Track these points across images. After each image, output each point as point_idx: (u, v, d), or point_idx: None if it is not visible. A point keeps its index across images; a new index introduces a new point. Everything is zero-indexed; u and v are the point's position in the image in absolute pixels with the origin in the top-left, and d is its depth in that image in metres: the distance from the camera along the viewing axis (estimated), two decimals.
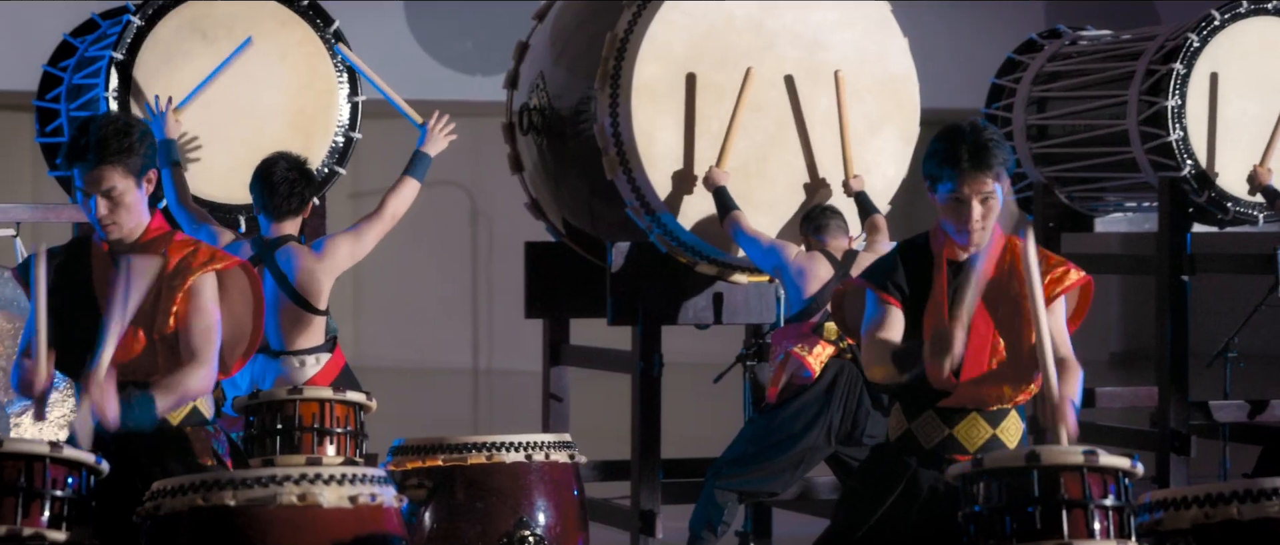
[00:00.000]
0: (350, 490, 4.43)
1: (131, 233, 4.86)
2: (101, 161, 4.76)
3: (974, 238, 4.65)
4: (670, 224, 7.52)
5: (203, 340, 4.83)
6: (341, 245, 6.41)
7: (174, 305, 4.82)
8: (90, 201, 4.81)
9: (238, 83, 7.02)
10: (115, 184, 4.79)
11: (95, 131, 4.78)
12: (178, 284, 4.83)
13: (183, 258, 4.86)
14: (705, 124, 7.54)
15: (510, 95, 8.22)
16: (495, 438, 5.61)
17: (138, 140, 4.80)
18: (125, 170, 4.79)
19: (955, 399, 4.64)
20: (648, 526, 7.58)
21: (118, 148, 4.77)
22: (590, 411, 11.21)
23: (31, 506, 4.49)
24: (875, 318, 4.69)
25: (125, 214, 4.83)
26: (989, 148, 4.63)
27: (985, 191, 4.64)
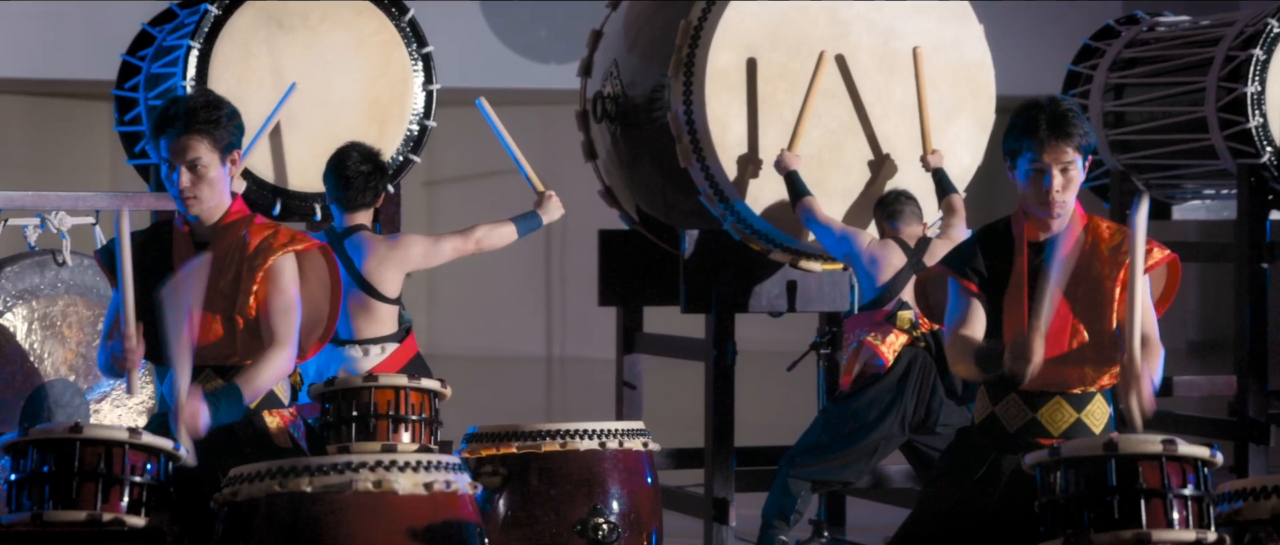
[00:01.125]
0: (425, 477, 4.45)
1: (211, 212, 4.89)
2: (189, 130, 4.80)
3: (1054, 210, 4.63)
4: (744, 211, 7.51)
5: (283, 321, 4.86)
6: (417, 244, 6.43)
7: (253, 286, 4.85)
8: (174, 174, 4.84)
9: (313, 72, 7.05)
10: (200, 156, 4.82)
11: (185, 101, 4.83)
12: (258, 265, 4.86)
13: (263, 240, 4.89)
14: (778, 111, 7.52)
15: (584, 83, 8.23)
16: (569, 425, 5.62)
17: (226, 116, 4.85)
18: (211, 143, 4.82)
19: (1038, 382, 4.62)
20: (721, 514, 7.58)
21: (206, 119, 4.81)
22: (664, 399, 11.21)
23: (111, 492, 4.53)
24: (957, 312, 4.67)
25: (207, 189, 4.86)
26: (1068, 117, 4.62)
27: (1065, 161, 4.63)
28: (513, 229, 6.67)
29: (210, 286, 4.85)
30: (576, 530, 5.56)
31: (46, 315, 5.95)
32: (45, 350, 5.92)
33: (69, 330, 5.97)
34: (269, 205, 6.95)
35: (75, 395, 5.96)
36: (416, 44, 7.24)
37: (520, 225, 6.69)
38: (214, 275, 4.87)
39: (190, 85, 6.84)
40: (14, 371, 5.87)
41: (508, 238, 6.65)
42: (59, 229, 6.01)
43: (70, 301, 5.98)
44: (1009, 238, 4.73)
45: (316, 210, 7.06)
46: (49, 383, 5.92)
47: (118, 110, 7.23)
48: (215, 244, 4.87)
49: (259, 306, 4.87)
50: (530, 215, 6.75)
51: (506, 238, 6.65)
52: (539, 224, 6.76)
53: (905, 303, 7.13)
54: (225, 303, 4.83)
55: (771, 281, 7.72)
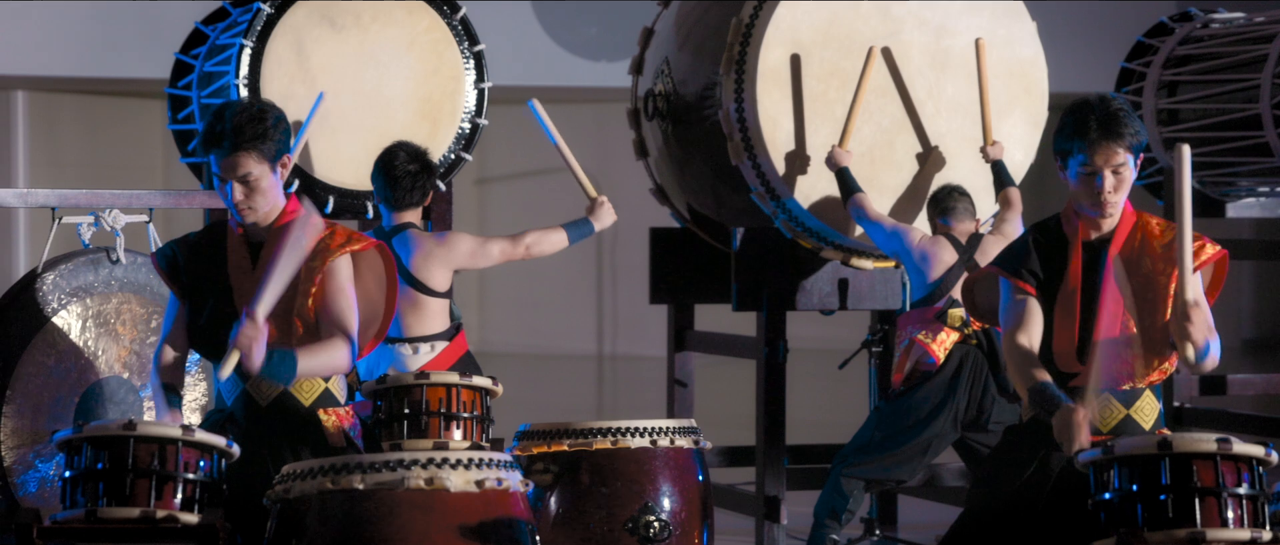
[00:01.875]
0: (477, 475, 4.46)
1: (267, 217, 4.92)
2: (237, 148, 4.82)
3: (1106, 210, 4.61)
4: (795, 209, 7.51)
5: (344, 318, 4.88)
6: (464, 242, 6.43)
7: (312, 287, 4.87)
8: (226, 187, 4.87)
9: (366, 70, 7.07)
10: (251, 170, 4.84)
11: (230, 119, 4.83)
12: (316, 266, 4.88)
13: (320, 241, 4.90)
14: (830, 109, 7.51)
15: (635, 81, 8.23)
16: (620, 423, 5.63)
17: (272, 126, 4.86)
18: (260, 156, 4.84)
19: (1085, 379, 4.61)
20: (772, 513, 7.57)
21: (253, 134, 4.82)
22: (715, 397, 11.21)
23: (164, 489, 4.56)
24: (1012, 316, 4.66)
25: (261, 198, 4.88)
26: (1119, 117, 4.60)
27: (1116, 162, 4.61)
28: (563, 236, 6.64)
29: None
30: (627, 528, 5.56)
31: (100, 313, 5.98)
32: (99, 348, 5.95)
33: (123, 328, 6.00)
34: (321, 203, 6.97)
35: (129, 393, 5.99)
36: (468, 42, 7.25)
37: (571, 232, 6.66)
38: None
39: (243, 84, 6.87)
40: (68, 369, 5.90)
41: (558, 245, 6.62)
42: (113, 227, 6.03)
43: (124, 299, 6.01)
44: (1061, 237, 4.71)
45: (368, 208, 7.08)
46: (103, 380, 5.95)
47: (171, 109, 7.27)
48: (269, 244, 4.89)
49: (317, 307, 4.89)
50: (582, 222, 6.73)
51: (556, 245, 6.62)
52: (590, 231, 6.73)
53: (956, 300, 7.11)
54: (282, 303, 4.85)
55: (823, 279, 7.70)
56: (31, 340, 5.83)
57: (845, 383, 8.31)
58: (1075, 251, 4.67)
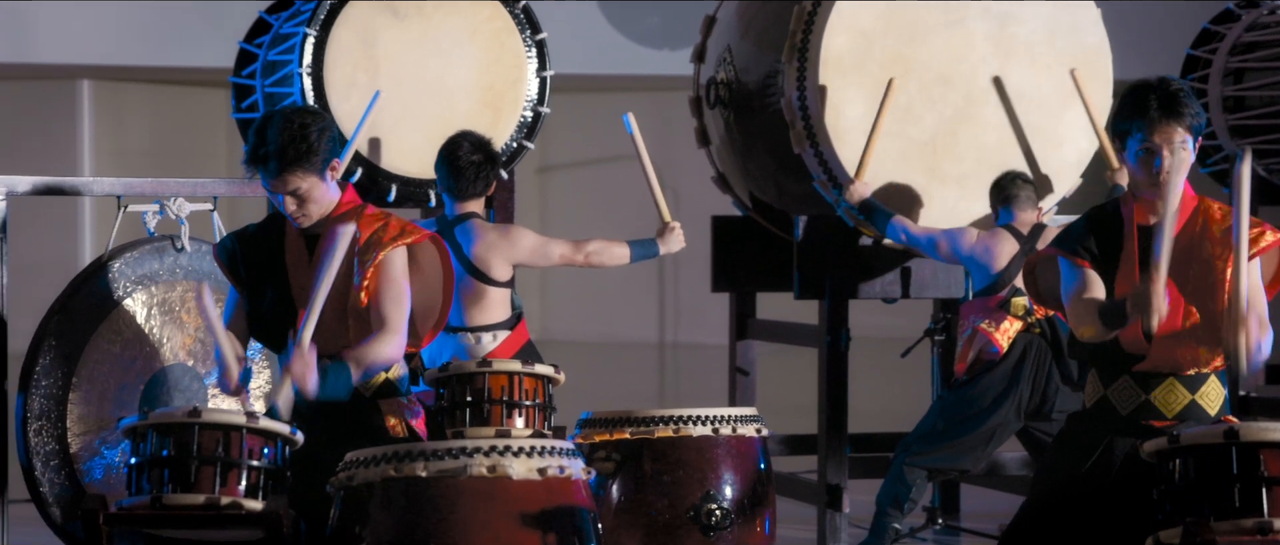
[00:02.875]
0: (539, 462, 4.47)
1: (322, 214, 4.93)
2: (282, 170, 4.83)
3: (1164, 191, 4.59)
4: None
5: (393, 309, 4.89)
6: (527, 240, 6.40)
7: (365, 280, 4.89)
8: (278, 197, 4.89)
9: (428, 59, 7.08)
10: (299, 185, 4.86)
11: (273, 140, 4.82)
12: (370, 258, 4.89)
13: (373, 232, 4.91)
14: (892, 97, 7.48)
15: (697, 69, 8.22)
16: (682, 411, 5.63)
17: (316, 139, 4.85)
18: (307, 170, 4.85)
19: (1150, 363, 4.58)
20: (835, 501, 7.56)
21: (296, 154, 4.82)
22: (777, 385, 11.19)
23: (229, 476, 4.58)
24: (1073, 282, 4.64)
25: (313, 206, 4.90)
26: (1178, 97, 4.58)
27: (1176, 141, 4.58)
28: (627, 252, 6.58)
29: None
30: (689, 516, 5.56)
31: (165, 300, 6.01)
32: (164, 335, 5.98)
33: (187, 315, 6.03)
34: (384, 192, 6.99)
35: (193, 380, 6.02)
36: (530, 31, 7.25)
37: (635, 249, 6.59)
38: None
39: (306, 73, 6.89)
40: (133, 356, 5.94)
41: (619, 259, 6.56)
42: (178, 215, 6.07)
43: (188, 287, 6.04)
44: (1119, 219, 4.69)
45: (431, 197, 7.10)
46: (167, 367, 5.99)
47: (235, 97, 7.30)
48: (325, 237, 4.91)
49: (369, 298, 4.90)
50: (648, 242, 6.65)
51: (618, 259, 6.56)
52: (655, 253, 6.65)
53: (1019, 289, 7.08)
54: (337, 294, 4.86)
55: (885, 267, 7.68)
56: (97, 328, 5.87)
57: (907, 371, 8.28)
58: (1132, 234, 4.64)
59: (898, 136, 7.48)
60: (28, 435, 5.75)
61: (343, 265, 4.88)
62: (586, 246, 6.48)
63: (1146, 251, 4.56)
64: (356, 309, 4.88)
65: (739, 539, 5.59)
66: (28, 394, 5.75)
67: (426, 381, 5.77)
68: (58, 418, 5.81)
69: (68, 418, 5.82)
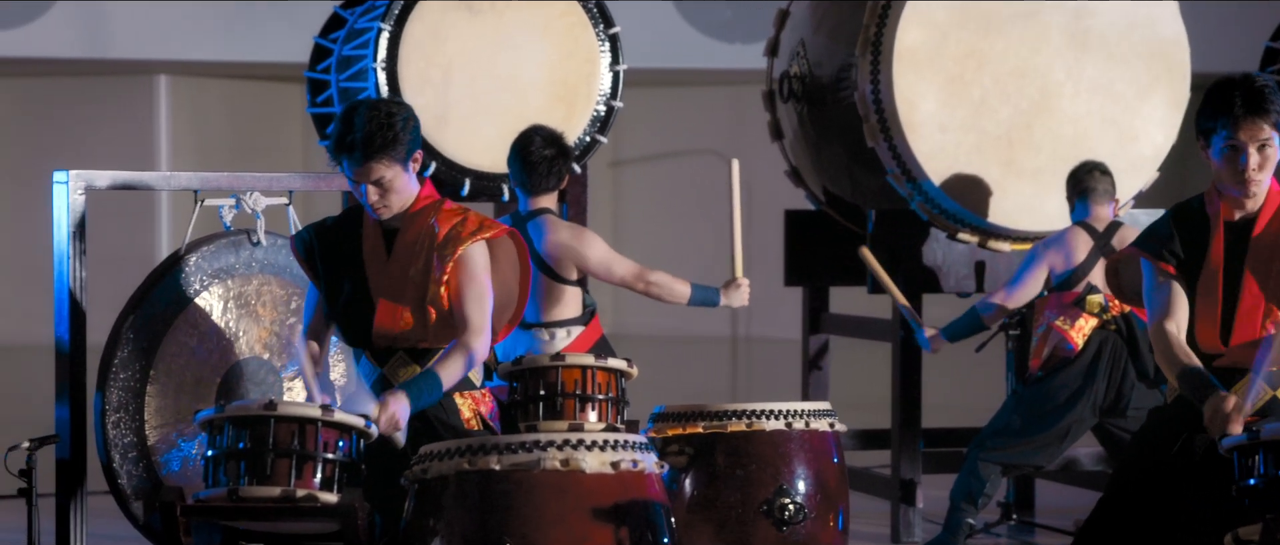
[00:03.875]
0: (612, 456, 4.47)
1: (402, 207, 4.96)
2: (367, 158, 4.85)
3: (1250, 189, 4.55)
4: (931, 191, 7.46)
5: (476, 308, 4.90)
6: (597, 249, 6.34)
7: (444, 276, 4.90)
8: (360, 187, 4.91)
9: (501, 54, 7.10)
10: (383, 175, 4.88)
11: (360, 128, 4.85)
12: (448, 254, 4.91)
13: (452, 227, 4.93)
14: (967, 90, 7.45)
15: (770, 63, 8.21)
16: (755, 405, 5.62)
17: (401, 129, 4.88)
18: (391, 160, 4.87)
19: (1230, 359, 4.55)
20: (908, 496, 7.54)
21: (382, 142, 4.85)
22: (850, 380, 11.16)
23: (304, 468, 4.60)
24: (1157, 300, 4.61)
25: (395, 197, 4.92)
26: (1264, 94, 4.54)
27: (1261, 138, 4.55)
28: (687, 293, 6.42)
29: (400, 273, 4.90)
30: (762, 510, 5.56)
31: (241, 294, 6.04)
32: (240, 328, 6.02)
33: (263, 309, 6.07)
34: (458, 186, 7.01)
35: (269, 373, 6.05)
36: (603, 25, 7.26)
37: (696, 293, 6.43)
38: (404, 262, 4.92)
39: (380, 68, 6.92)
40: (210, 349, 5.98)
41: (678, 298, 6.40)
42: (254, 209, 6.10)
43: (264, 281, 6.07)
44: (1203, 217, 4.65)
45: (504, 191, 7.11)
46: (243, 360, 6.02)
47: (310, 92, 7.33)
48: (404, 231, 4.93)
49: (450, 295, 4.91)
50: (712, 291, 6.45)
51: (677, 297, 6.41)
52: (715, 303, 6.46)
53: (1094, 286, 7.04)
54: (416, 290, 4.88)
55: (959, 262, 7.65)
56: (174, 321, 5.91)
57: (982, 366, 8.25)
58: (1217, 232, 4.61)
59: (972, 130, 7.45)
60: (106, 428, 5.80)
61: (422, 258, 4.90)
62: (650, 275, 6.37)
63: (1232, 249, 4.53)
64: (435, 301, 4.90)
65: (812, 534, 5.58)
66: (106, 387, 5.80)
67: (500, 376, 5.78)
68: (136, 410, 5.85)
69: (145, 410, 5.87)
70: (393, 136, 4.84)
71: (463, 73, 7.04)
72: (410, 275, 4.91)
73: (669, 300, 6.34)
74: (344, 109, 4.94)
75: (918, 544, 7.47)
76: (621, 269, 6.29)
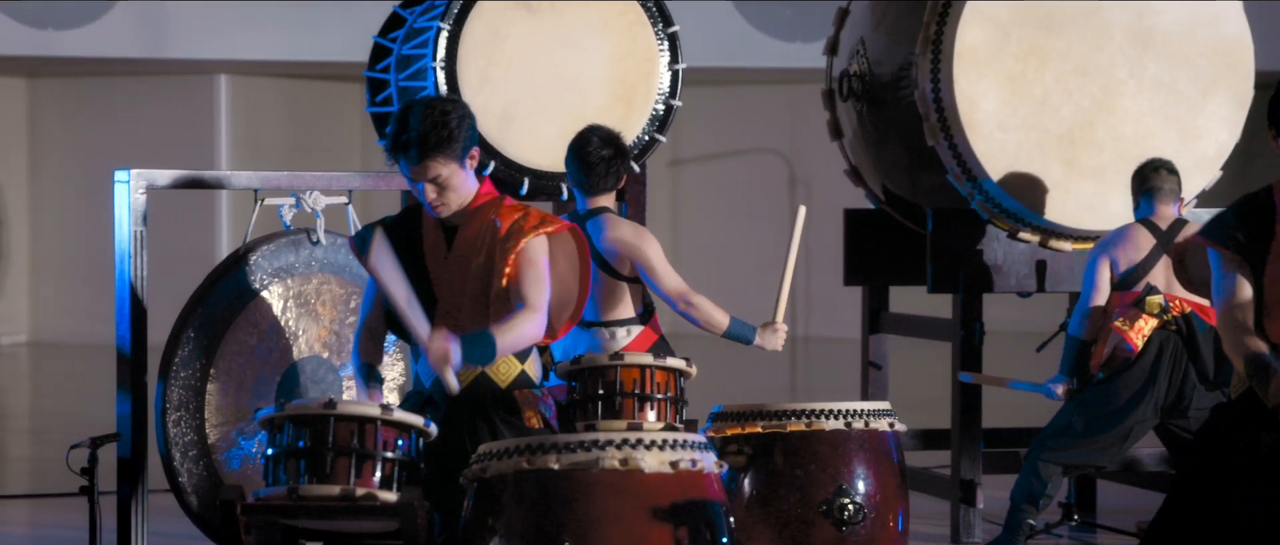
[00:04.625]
0: (671, 456, 4.46)
1: (460, 205, 4.96)
2: (424, 157, 4.86)
3: None
4: (992, 190, 7.42)
5: (534, 290, 4.90)
6: (654, 253, 6.30)
7: (506, 268, 4.90)
8: (418, 186, 4.91)
9: (560, 53, 7.10)
10: (440, 172, 4.89)
11: (415, 126, 4.85)
12: (510, 247, 4.91)
13: (514, 222, 4.93)
14: (1028, 89, 7.41)
15: (830, 61, 8.19)
16: (815, 405, 5.61)
17: (456, 126, 4.88)
18: (448, 157, 4.88)
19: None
20: (968, 496, 7.51)
21: (438, 140, 4.85)
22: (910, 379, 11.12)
23: (364, 467, 4.61)
24: (1224, 289, 4.59)
25: (453, 195, 4.93)
26: None
27: None
28: (725, 324, 6.31)
29: (461, 269, 4.91)
30: (821, 510, 5.54)
31: (301, 293, 6.07)
32: (299, 327, 6.03)
33: (322, 308, 6.08)
34: (516, 185, 7.01)
35: (328, 372, 6.07)
36: (662, 23, 7.25)
37: (733, 326, 6.30)
38: (464, 258, 4.93)
39: (439, 67, 6.93)
40: (270, 348, 6.00)
41: (715, 327, 6.28)
42: (313, 208, 6.12)
43: (324, 280, 6.09)
44: (1270, 207, 4.63)
45: (562, 190, 7.11)
46: (303, 359, 6.04)
47: (369, 92, 7.35)
48: (464, 227, 4.93)
49: (510, 284, 4.92)
50: (748, 329, 6.34)
51: (714, 326, 6.29)
52: (749, 340, 6.32)
53: (1155, 287, 6.99)
54: (476, 285, 4.89)
55: (1020, 261, 7.61)
56: (235, 320, 5.94)
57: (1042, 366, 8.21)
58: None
59: (1033, 128, 7.41)
60: (167, 426, 5.83)
61: (483, 253, 4.90)
62: (693, 297, 6.29)
63: None
64: (498, 295, 4.90)
65: (871, 534, 5.56)
66: (167, 385, 5.83)
67: (558, 375, 5.78)
68: (196, 408, 5.88)
69: (206, 408, 5.89)
70: (449, 134, 4.85)
71: (522, 72, 7.04)
72: (471, 270, 4.91)
73: (705, 326, 6.26)
74: (400, 108, 4.95)
75: (978, 544, 7.43)
76: (670, 281, 6.25)
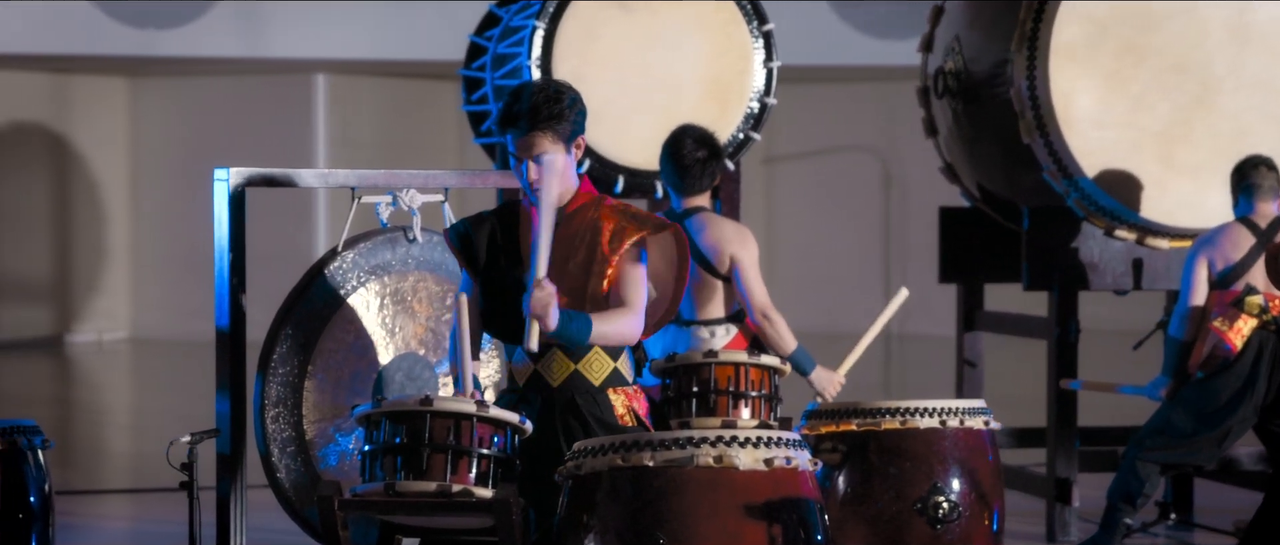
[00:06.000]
0: (765, 453, 4.47)
1: (561, 198, 4.97)
2: (532, 128, 4.88)
3: None
4: (1088, 188, 7.38)
5: (634, 292, 4.90)
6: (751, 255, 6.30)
7: (608, 269, 4.91)
8: (521, 167, 4.93)
9: (655, 52, 7.12)
10: (546, 150, 4.90)
11: (527, 99, 4.88)
12: (614, 250, 4.92)
13: (616, 225, 4.94)
14: (1125, 86, 7.37)
15: (924, 59, 8.16)
16: (909, 403, 5.60)
17: (567, 107, 4.90)
18: (556, 136, 4.89)
19: None
20: (1063, 495, 7.47)
21: (548, 115, 4.87)
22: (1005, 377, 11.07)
23: (459, 463, 4.64)
24: None
25: (555, 179, 4.94)
26: None
27: None
28: (792, 347, 6.22)
29: (560, 266, 4.93)
30: (916, 508, 5.53)
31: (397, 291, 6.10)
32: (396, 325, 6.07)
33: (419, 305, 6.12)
34: (611, 183, 7.04)
35: (424, 369, 6.10)
36: (757, 21, 7.26)
37: (797, 353, 6.23)
38: (563, 255, 4.94)
39: (535, 66, 6.96)
40: (366, 345, 6.04)
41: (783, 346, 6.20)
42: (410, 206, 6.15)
43: (420, 277, 6.13)
44: None
45: (657, 188, 7.13)
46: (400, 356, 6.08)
47: (465, 90, 7.40)
48: (565, 225, 4.95)
49: (610, 286, 4.93)
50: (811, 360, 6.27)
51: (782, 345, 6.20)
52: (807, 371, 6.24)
53: (1254, 287, 6.93)
54: (575, 283, 4.90)
55: (1116, 258, 7.57)
56: (332, 317, 5.98)
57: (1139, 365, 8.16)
58: None
59: (1130, 126, 7.37)
60: (265, 422, 5.88)
61: (582, 251, 4.92)
62: (774, 313, 6.27)
63: None
64: (595, 298, 4.92)
65: (966, 532, 5.55)
66: (266, 381, 5.88)
67: (652, 372, 5.79)
68: (294, 405, 5.92)
69: (304, 405, 5.94)
70: (559, 111, 4.87)
71: (616, 70, 7.06)
72: (569, 268, 4.93)
73: (772, 343, 6.25)
74: (513, 88, 4.98)
75: (1074, 543, 7.39)
76: (759, 290, 6.25)
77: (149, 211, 16.84)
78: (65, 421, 11.47)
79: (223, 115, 16.35)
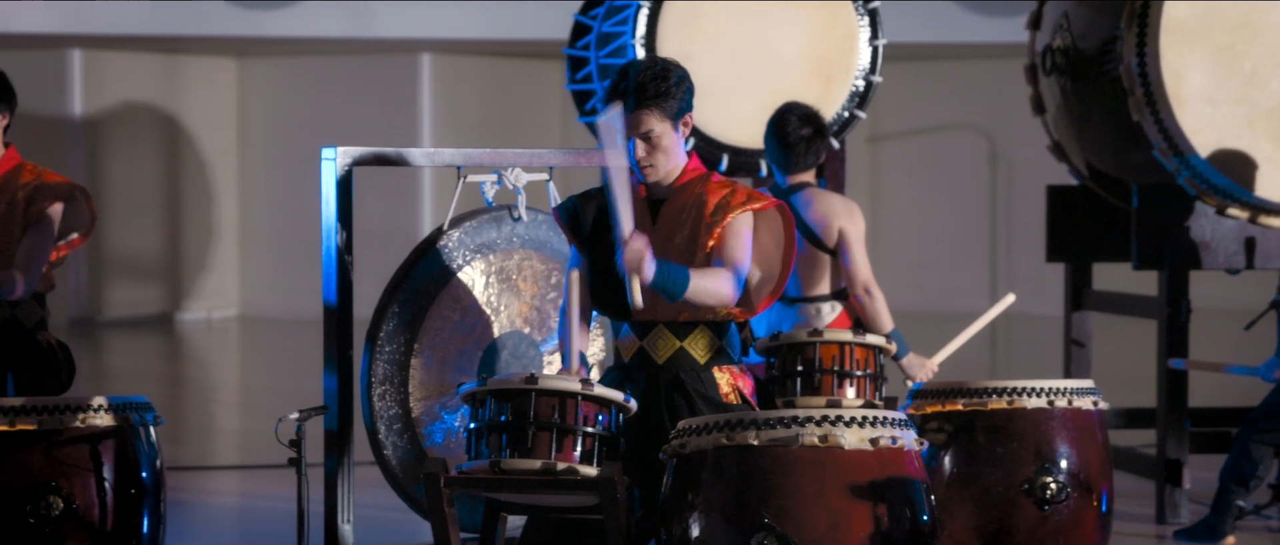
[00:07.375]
0: (871, 433, 4.45)
1: (668, 175, 4.96)
2: (639, 106, 4.87)
3: None
4: (1199, 165, 7.30)
5: (734, 252, 4.89)
6: (862, 228, 6.29)
7: (711, 242, 4.91)
8: (629, 144, 4.93)
9: (760, 30, 7.10)
10: (653, 127, 4.90)
11: (634, 76, 4.88)
12: (717, 220, 4.91)
13: (721, 199, 4.93)
14: (1238, 63, 7.27)
15: (1032, 36, 8.10)
16: (1017, 383, 5.56)
17: (675, 84, 4.90)
18: (662, 114, 4.89)
19: None
20: (1174, 476, 7.40)
21: (655, 92, 4.87)
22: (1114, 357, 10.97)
23: (565, 442, 4.64)
24: None
25: (662, 157, 4.93)
26: None
27: None
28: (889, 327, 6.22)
29: (665, 242, 4.92)
30: (1023, 489, 5.50)
31: (502, 269, 6.12)
32: (501, 303, 6.09)
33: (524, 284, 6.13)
34: (716, 161, 7.02)
35: (529, 347, 6.12)
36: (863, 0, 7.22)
37: (896, 336, 6.18)
38: (669, 232, 4.94)
39: (639, 44, 6.96)
40: (472, 324, 6.06)
41: (880, 324, 6.21)
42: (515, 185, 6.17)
43: (525, 256, 6.14)
44: None
45: (761, 166, 7.11)
46: (505, 335, 6.10)
47: (569, 69, 7.40)
48: (671, 201, 4.94)
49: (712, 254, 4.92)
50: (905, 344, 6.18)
51: (880, 323, 6.21)
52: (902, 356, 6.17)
53: None
54: (682, 258, 4.89)
55: (1228, 237, 7.48)
56: (438, 295, 6.01)
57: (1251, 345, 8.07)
58: None
59: (1242, 102, 7.27)
60: (372, 399, 5.92)
61: (687, 227, 4.91)
62: (876, 289, 6.26)
63: None
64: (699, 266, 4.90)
65: (1075, 513, 5.50)
66: (372, 359, 5.91)
67: (757, 351, 5.78)
68: (401, 382, 5.96)
69: (410, 382, 5.97)
70: (667, 89, 4.87)
71: (721, 48, 7.05)
72: (675, 244, 4.92)
73: (869, 319, 6.23)
74: (621, 65, 4.98)
75: (1184, 525, 7.32)
76: (862, 265, 6.24)
77: (257, 191, 16.99)
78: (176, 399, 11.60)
79: (330, 95, 16.47)
